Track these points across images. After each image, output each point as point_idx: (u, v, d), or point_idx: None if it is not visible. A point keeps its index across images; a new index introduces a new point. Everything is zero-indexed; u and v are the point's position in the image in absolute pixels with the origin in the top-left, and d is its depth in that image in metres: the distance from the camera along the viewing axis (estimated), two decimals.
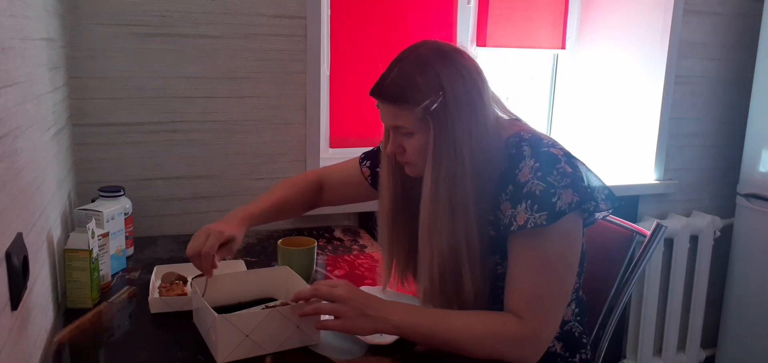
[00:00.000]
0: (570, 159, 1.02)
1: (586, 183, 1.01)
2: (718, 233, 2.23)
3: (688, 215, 2.25)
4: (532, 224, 0.98)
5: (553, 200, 0.97)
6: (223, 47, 1.62)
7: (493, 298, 1.09)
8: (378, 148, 1.34)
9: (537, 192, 0.98)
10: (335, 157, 2.04)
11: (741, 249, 2.19)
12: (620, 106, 2.23)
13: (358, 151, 2.05)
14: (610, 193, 1.05)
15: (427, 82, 1.01)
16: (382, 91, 1.05)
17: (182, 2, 1.57)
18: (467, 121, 1.01)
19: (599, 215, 1.06)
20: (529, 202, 0.99)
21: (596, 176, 1.06)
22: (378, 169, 1.30)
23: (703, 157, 2.27)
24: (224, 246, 1.16)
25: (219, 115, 1.66)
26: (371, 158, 1.36)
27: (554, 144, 1.04)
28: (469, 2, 2.12)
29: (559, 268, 1.03)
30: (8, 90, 0.87)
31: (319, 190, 1.39)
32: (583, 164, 1.05)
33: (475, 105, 1.02)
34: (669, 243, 2.16)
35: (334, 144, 2.04)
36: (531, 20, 2.25)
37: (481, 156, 1.03)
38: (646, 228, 1.32)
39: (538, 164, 1.00)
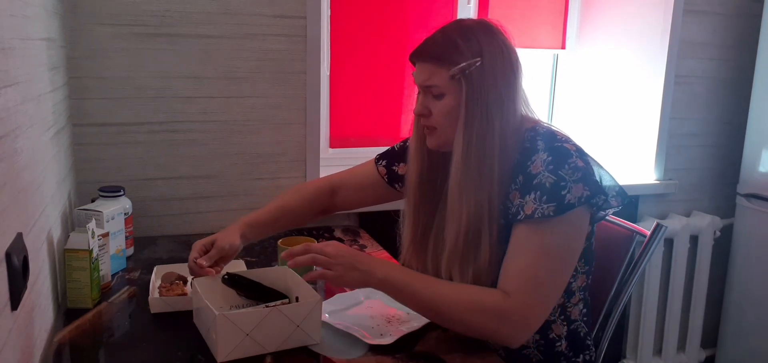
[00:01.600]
0: (582, 155, 1.04)
1: (597, 178, 1.03)
2: (718, 233, 2.23)
3: (688, 215, 2.25)
4: (540, 215, 0.99)
5: (563, 193, 0.99)
6: (223, 47, 1.62)
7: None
8: (393, 148, 1.36)
9: (547, 184, 1.00)
10: (335, 157, 2.04)
11: (741, 249, 2.19)
12: (620, 106, 2.23)
13: (357, 151, 2.08)
14: (620, 189, 1.08)
15: (467, 46, 1.04)
16: (421, 51, 1.09)
17: (182, 2, 1.57)
18: (501, 93, 1.04)
19: (609, 211, 1.08)
20: (538, 193, 1.00)
21: (607, 173, 1.08)
22: (394, 167, 1.33)
23: (703, 157, 2.27)
24: (212, 251, 1.19)
25: (219, 115, 1.66)
26: (386, 157, 1.36)
27: (568, 140, 1.06)
28: (469, 2, 2.12)
29: (558, 258, 1.03)
30: (8, 90, 0.87)
31: (331, 195, 1.40)
32: (595, 161, 1.07)
33: (509, 82, 1.06)
34: (669, 243, 2.16)
35: (334, 144, 2.05)
36: (531, 20, 2.25)
37: (508, 130, 1.05)
38: (646, 228, 1.32)
39: (550, 158, 1.02)
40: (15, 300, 0.83)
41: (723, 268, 2.29)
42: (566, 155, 1.02)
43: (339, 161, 2.04)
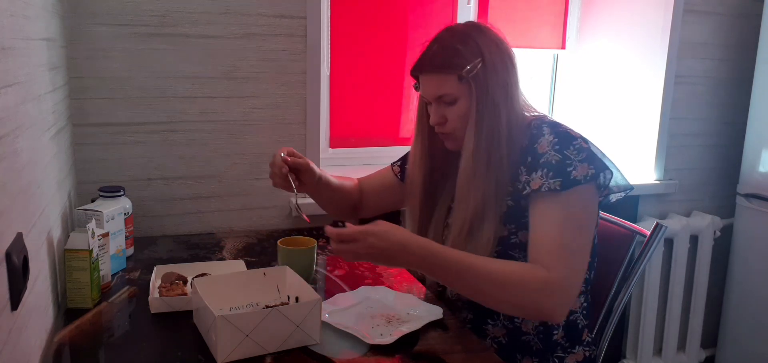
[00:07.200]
0: (586, 140, 1.09)
1: (601, 158, 1.08)
2: (718, 233, 2.23)
3: (688, 215, 2.25)
4: (547, 189, 1.04)
5: (569, 170, 1.04)
6: (223, 47, 1.62)
7: None
8: (407, 153, 1.39)
9: (553, 161, 1.05)
10: (335, 157, 2.04)
11: (741, 249, 2.19)
12: (620, 106, 2.23)
13: (357, 151, 2.08)
14: (624, 180, 1.13)
15: (468, 49, 1.11)
16: (425, 64, 1.14)
17: (182, 2, 1.57)
18: (504, 85, 1.11)
19: (612, 196, 1.12)
20: (545, 170, 1.05)
21: (611, 162, 1.13)
22: (408, 167, 1.34)
23: (703, 157, 2.27)
24: (301, 159, 1.28)
25: (219, 115, 1.66)
26: (401, 160, 1.41)
27: (572, 129, 1.12)
28: (469, 2, 2.12)
29: (578, 228, 1.06)
30: (8, 90, 0.87)
31: (361, 195, 1.45)
32: (599, 149, 1.12)
33: (509, 72, 1.13)
34: (669, 243, 2.16)
35: (334, 144, 2.05)
36: (531, 20, 2.25)
37: (514, 119, 1.12)
38: (646, 228, 1.32)
39: (556, 139, 1.07)
40: (15, 300, 0.83)
41: (723, 268, 2.29)
42: (571, 138, 1.07)
43: (339, 161, 2.05)
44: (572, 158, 1.05)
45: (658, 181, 2.16)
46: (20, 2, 0.98)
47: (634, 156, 2.20)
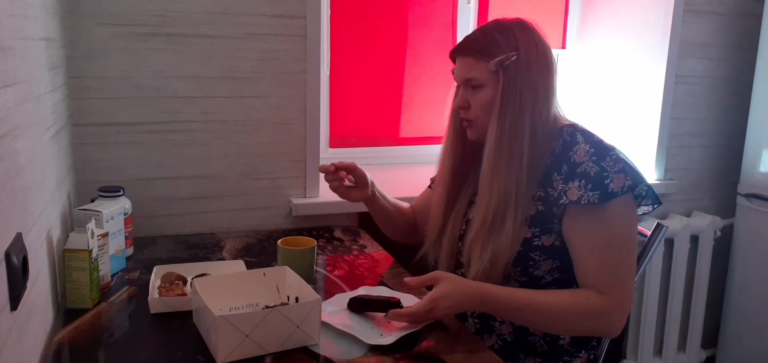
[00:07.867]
0: (618, 151, 1.10)
1: (634, 169, 1.08)
2: (718, 233, 2.23)
3: (688, 215, 2.25)
4: (586, 201, 1.05)
5: (606, 182, 1.05)
6: (223, 47, 1.62)
7: (517, 263, 1.13)
8: None
9: (591, 173, 1.06)
10: (335, 157, 2.04)
11: (741, 249, 2.19)
12: (620, 106, 2.23)
13: (357, 151, 2.08)
14: (654, 191, 1.12)
15: (505, 40, 1.12)
16: (462, 47, 1.16)
17: (182, 2, 1.57)
18: (535, 85, 1.11)
19: (643, 209, 1.12)
20: (583, 181, 1.06)
21: (641, 173, 1.13)
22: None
23: (703, 157, 2.27)
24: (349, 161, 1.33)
25: (219, 115, 1.66)
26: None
27: (603, 139, 1.12)
28: (469, 2, 2.12)
29: (621, 243, 1.08)
30: (8, 90, 0.87)
31: (415, 219, 1.46)
32: (630, 159, 1.12)
33: (543, 74, 1.13)
34: (669, 243, 2.16)
35: (334, 144, 2.05)
36: (531, 20, 2.25)
37: (540, 121, 1.11)
38: (646, 228, 1.32)
39: (592, 149, 1.08)
40: (15, 300, 0.82)
41: (723, 268, 2.29)
42: (607, 148, 1.08)
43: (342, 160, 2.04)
44: (609, 170, 1.06)
45: (658, 181, 2.16)
46: (20, 2, 0.98)
47: (634, 156, 2.19)
